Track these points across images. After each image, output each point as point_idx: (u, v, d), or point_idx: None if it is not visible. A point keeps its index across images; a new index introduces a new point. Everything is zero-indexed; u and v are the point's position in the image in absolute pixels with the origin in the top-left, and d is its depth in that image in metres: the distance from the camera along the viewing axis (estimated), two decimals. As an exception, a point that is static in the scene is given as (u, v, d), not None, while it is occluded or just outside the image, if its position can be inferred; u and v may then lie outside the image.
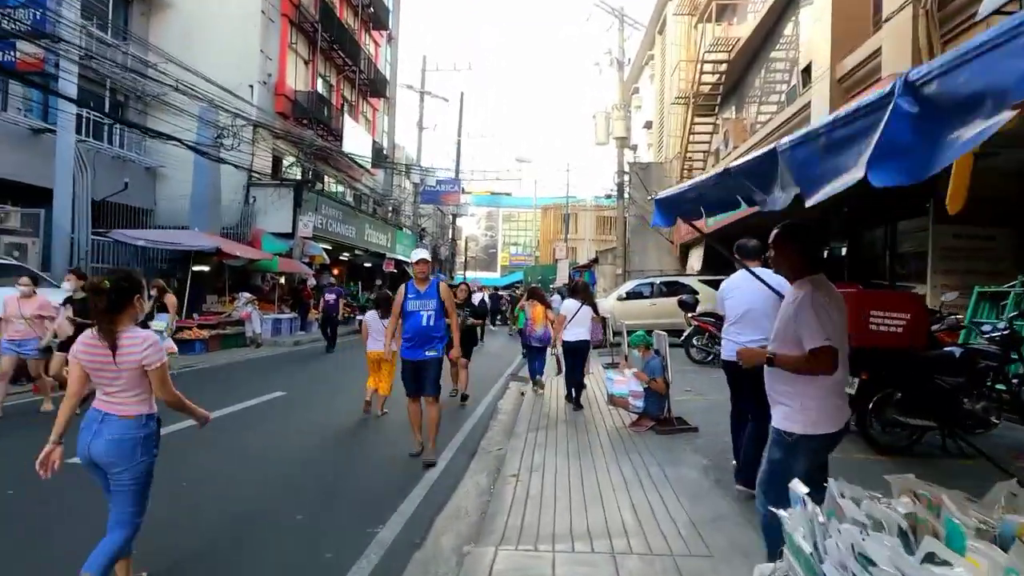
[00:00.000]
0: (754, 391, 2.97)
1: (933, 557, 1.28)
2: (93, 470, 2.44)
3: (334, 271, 22.76)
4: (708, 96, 16.73)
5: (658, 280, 14.59)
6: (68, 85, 10.94)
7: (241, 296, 13.45)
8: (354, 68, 23.07)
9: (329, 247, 19.99)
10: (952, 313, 5.89)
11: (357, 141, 21.83)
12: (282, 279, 17.49)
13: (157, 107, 14.48)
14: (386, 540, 3.34)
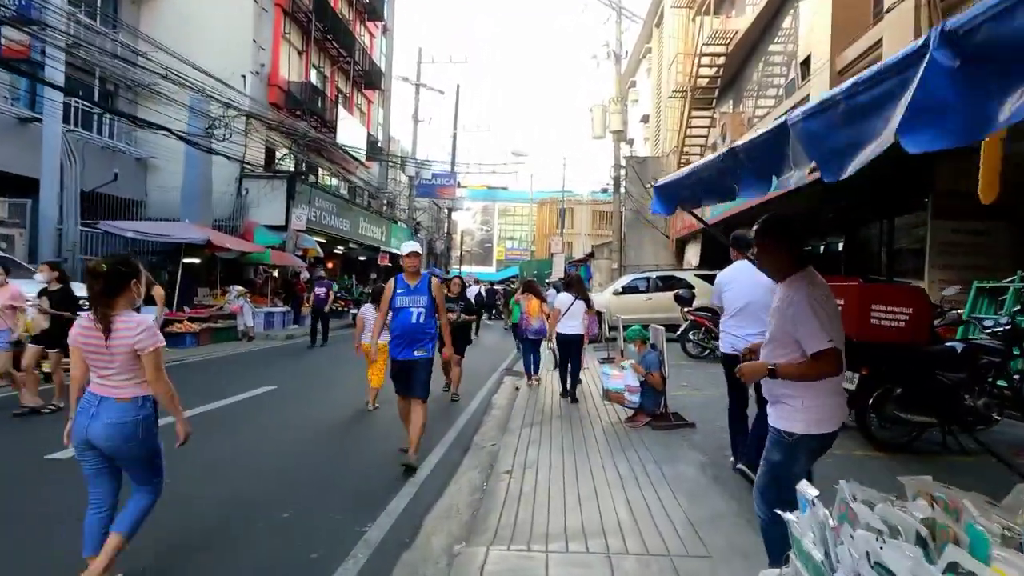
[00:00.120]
0: (755, 385, 2.88)
1: (956, 567, 1.18)
2: (86, 452, 2.46)
3: (328, 264, 22.60)
4: (706, 90, 16.62)
5: (654, 275, 14.50)
6: (55, 73, 10.73)
7: (232, 289, 13.28)
8: (348, 59, 22.82)
9: (323, 240, 19.83)
10: (953, 308, 5.81)
11: (351, 133, 21.63)
12: (275, 272, 17.33)
13: (148, 97, 14.24)
14: (374, 540, 3.23)
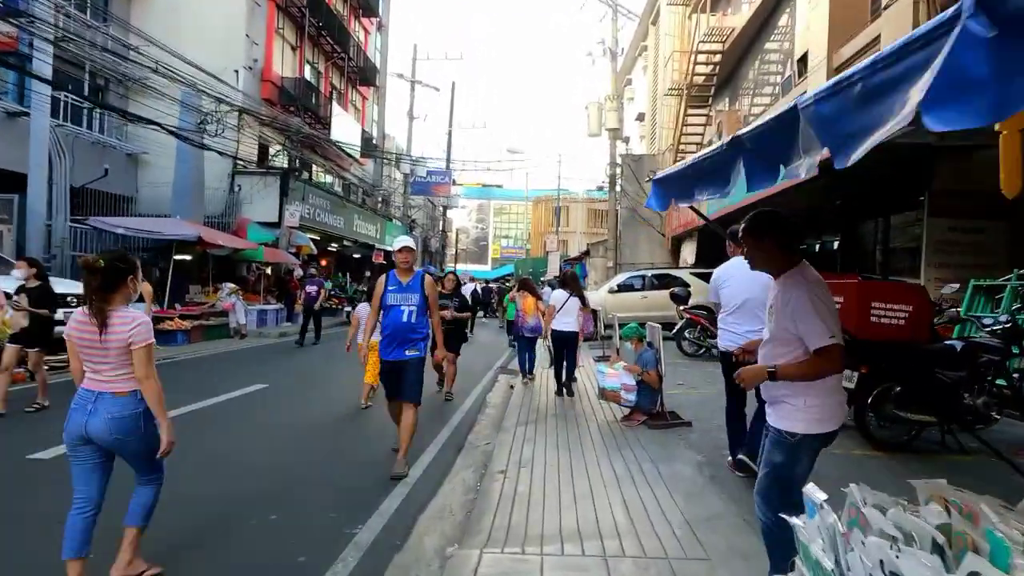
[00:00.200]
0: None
1: (977, 577, 1.11)
2: (81, 448, 2.44)
3: (322, 262, 22.45)
4: (702, 87, 16.58)
5: (649, 273, 14.46)
6: (43, 66, 10.55)
7: (224, 286, 13.13)
8: (343, 55, 22.64)
9: (317, 237, 19.68)
10: (952, 306, 5.78)
11: (346, 130, 21.46)
12: (268, 269, 17.18)
13: (139, 91, 14.07)
14: (364, 542, 3.14)
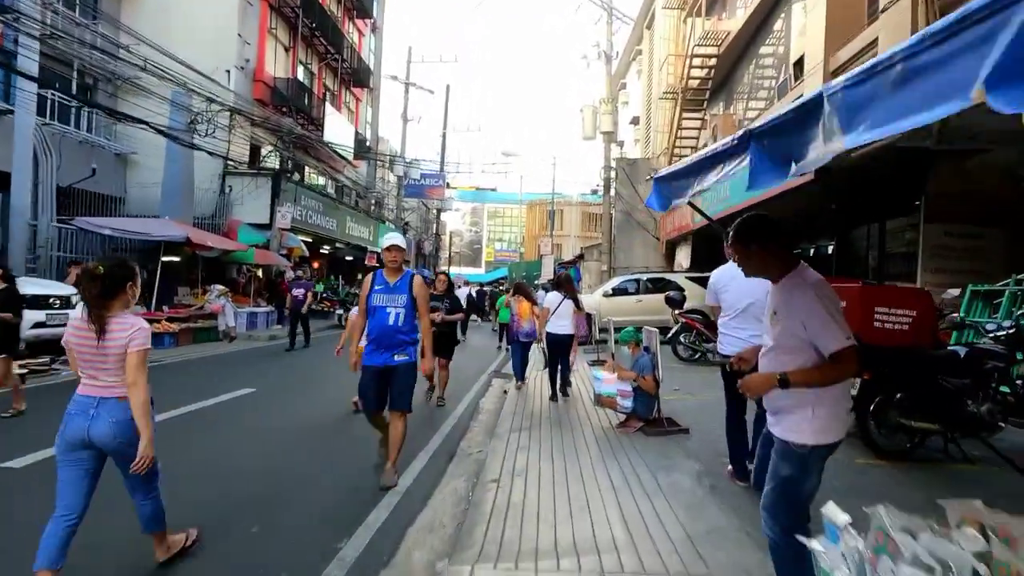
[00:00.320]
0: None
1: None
2: (79, 452, 2.45)
3: (314, 264, 22.23)
4: (697, 91, 16.55)
5: (644, 277, 14.37)
6: (28, 63, 10.35)
7: (213, 288, 12.91)
8: (337, 56, 22.49)
9: (309, 239, 19.49)
10: (954, 311, 5.69)
11: (339, 131, 21.30)
12: (259, 271, 16.96)
13: (128, 90, 13.87)
14: (349, 557, 2.99)
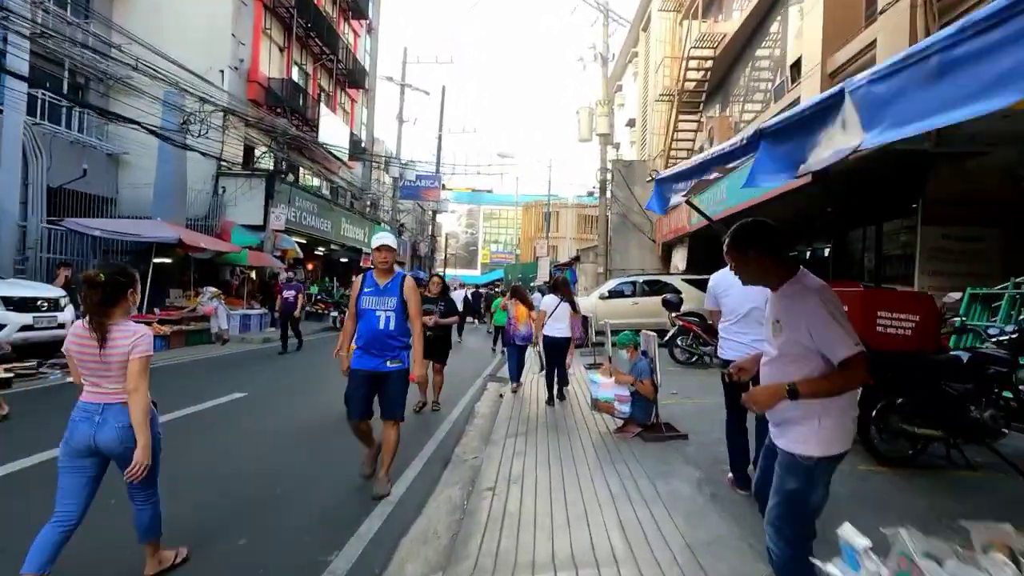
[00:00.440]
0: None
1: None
2: (83, 459, 2.46)
3: (308, 266, 22.09)
4: (693, 93, 16.54)
5: (640, 279, 14.33)
6: (18, 62, 10.21)
7: (206, 291, 12.76)
8: (332, 57, 22.39)
9: (303, 241, 19.36)
10: (956, 315, 5.64)
11: (334, 132, 21.18)
12: (252, 273, 16.81)
13: (120, 90, 13.73)
14: (340, 570, 2.89)
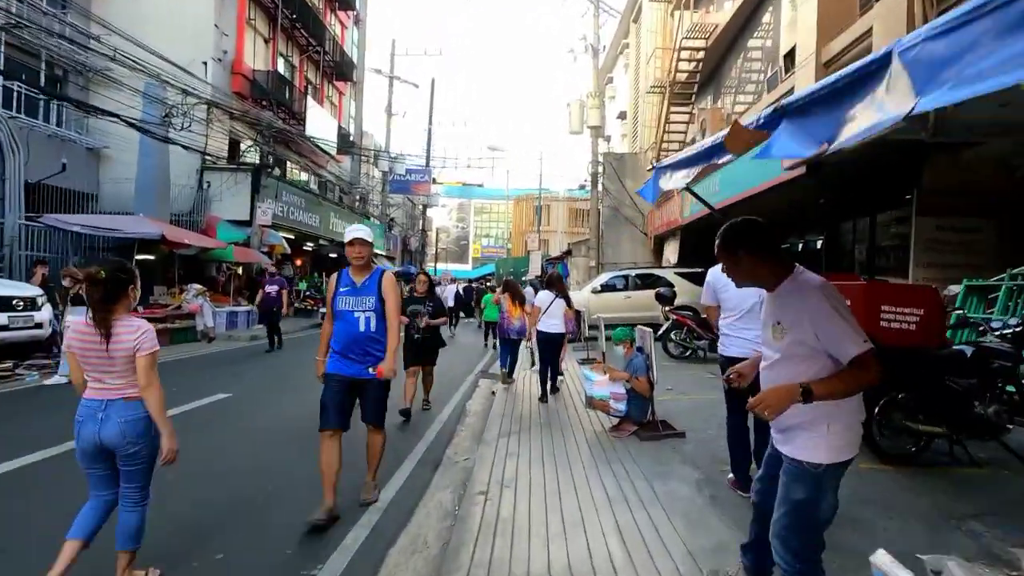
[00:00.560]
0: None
1: None
2: (93, 459, 2.49)
3: (297, 261, 21.80)
4: (685, 85, 16.38)
5: (633, 273, 14.22)
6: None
7: (190, 288, 12.49)
8: (319, 49, 22.02)
9: (291, 236, 19.06)
10: (956, 308, 5.55)
11: (321, 125, 20.85)
12: (239, 270, 16.52)
13: (100, 83, 13.38)
14: (323, 585, 2.74)
